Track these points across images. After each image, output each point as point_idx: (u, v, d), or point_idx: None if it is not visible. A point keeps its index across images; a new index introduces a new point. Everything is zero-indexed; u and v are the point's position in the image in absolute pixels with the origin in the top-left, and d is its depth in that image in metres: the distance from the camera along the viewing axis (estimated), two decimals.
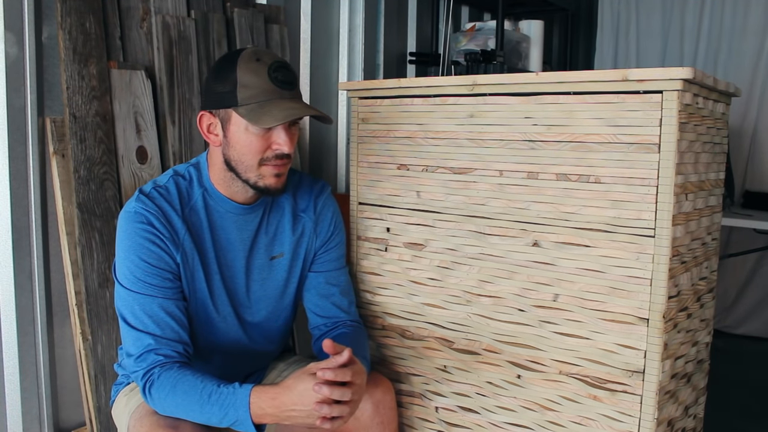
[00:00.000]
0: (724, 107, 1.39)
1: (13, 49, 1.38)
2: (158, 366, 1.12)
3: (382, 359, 1.53)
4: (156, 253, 1.16)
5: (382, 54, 2.50)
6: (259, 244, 1.29)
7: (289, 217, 1.32)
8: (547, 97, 1.24)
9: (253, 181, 1.18)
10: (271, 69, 1.14)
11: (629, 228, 1.17)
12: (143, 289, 1.15)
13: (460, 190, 1.37)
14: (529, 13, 3.00)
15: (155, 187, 1.20)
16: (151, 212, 1.16)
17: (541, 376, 1.29)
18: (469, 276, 1.37)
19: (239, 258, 1.27)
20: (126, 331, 1.16)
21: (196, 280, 1.22)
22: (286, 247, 1.32)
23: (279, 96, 1.14)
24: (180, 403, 1.09)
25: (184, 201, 1.21)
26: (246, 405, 1.04)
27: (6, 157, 1.38)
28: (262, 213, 1.29)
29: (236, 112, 1.13)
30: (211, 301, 1.25)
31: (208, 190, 1.23)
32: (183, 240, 1.19)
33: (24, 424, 1.43)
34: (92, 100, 1.45)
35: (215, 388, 1.07)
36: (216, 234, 1.24)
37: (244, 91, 1.13)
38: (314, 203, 1.35)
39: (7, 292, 1.40)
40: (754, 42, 3.03)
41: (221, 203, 1.24)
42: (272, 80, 1.13)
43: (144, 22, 1.59)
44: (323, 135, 2.31)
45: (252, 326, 1.32)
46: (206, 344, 1.27)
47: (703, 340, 1.42)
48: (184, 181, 1.23)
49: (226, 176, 1.21)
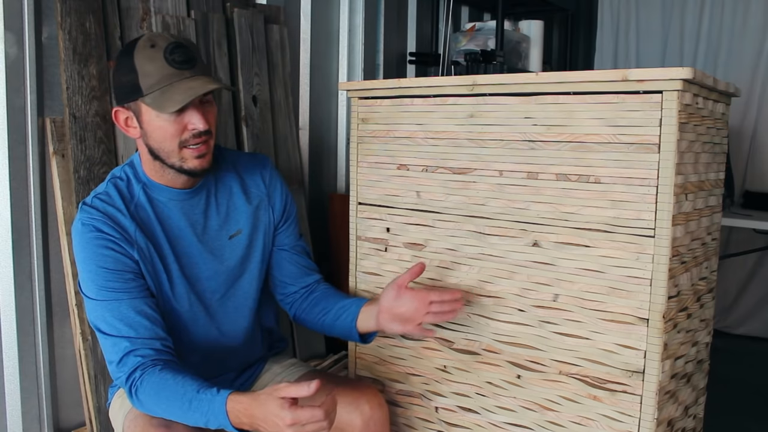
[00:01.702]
0: (724, 107, 1.39)
1: (13, 49, 1.38)
2: (139, 368, 1.11)
3: (381, 359, 1.53)
4: (112, 256, 1.16)
5: (382, 54, 2.50)
6: (211, 226, 1.28)
7: (240, 194, 1.32)
8: (547, 97, 1.24)
9: (178, 165, 1.18)
10: (167, 52, 1.13)
11: (629, 228, 1.17)
12: (109, 296, 1.15)
13: (460, 190, 1.37)
14: (529, 13, 3.00)
15: (95, 196, 1.20)
16: (97, 218, 1.16)
17: (541, 376, 1.29)
18: (469, 276, 1.37)
19: (193, 243, 1.26)
20: (103, 340, 1.15)
21: (158, 272, 1.21)
22: (243, 223, 1.32)
23: (179, 77, 1.13)
24: (166, 409, 1.08)
25: (127, 200, 1.21)
26: (224, 413, 1.03)
27: (6, 157, 1.38)
28: (207, 195, 1.28)
29: (143, 102, 1.14)
30: (172, 291, 1.24)
31: (146, 183, 1.23)
32: (135, 237, 1.19)
33: (24, 424, 1.43)
34: (92, 100, 1.45)
35: (195, 395, 1.05)
36: (165, 224, 1.24)
37: (146, 79, 1.12)
38: (261, 176, 1.36)
39: (7, 292, 1.40)
40: (754, 42, 3.04)
41: (162, 193, 1.23)
42: (169, 63, 1.12)
43: (144, 22, 1.60)
44: (323, 135, 2.31)
45: (218, 311, 1.30)
46: (181, 343, 1.25)
47: (703, 340, 1.42)
48: (122, 181, 1.23)
49: (155, 166, 1.21)
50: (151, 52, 1.13)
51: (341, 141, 2.35)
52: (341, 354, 2.06)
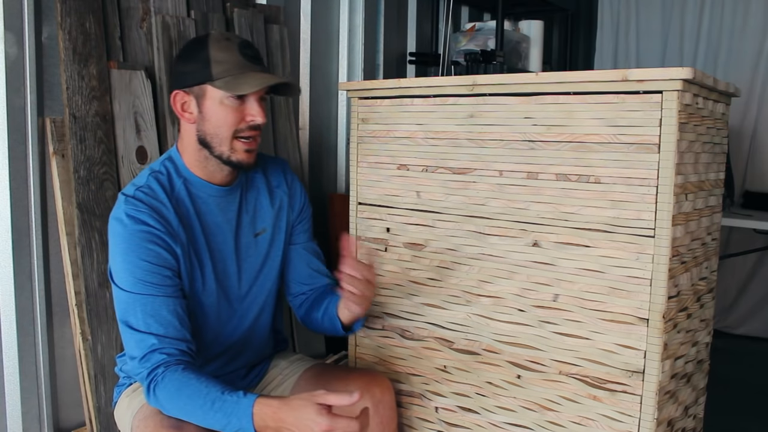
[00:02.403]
0: (724, 107, 1.39)
1: (13, 49, 1.38)
2: (162, 365, 1.11)
3: (382, 359, 1.53)
4: (155, 251, 1.17)
5: (382, 54, 2.50)
6: (243, 223, 1.32)
7: (266, 194, 1.37)
8: (546, 97, 1.24)
9: (226, 155, 1.22)
10: (241, 47, 1.21)
11: (629, 228, 1.17)
12: (145, 290, 1.15)
13: (460, 190, 1.37)
14: (529, 13, 3.00)
15: (138, 189, 1.21)
16: (144, 211, 1.17)
17: (541, 376, 1.29)
18: (469, 276, 1.37)
19: (228, 240, 1.29)
20: (129, 335, 1.15)
21: (194, 267, 1.23)
22: (268, 222, 1.36)
23: (251, 69, 1.20)
24: (183, 408, 1.08)
25: (169, 194, 1.23)
26: (249, 416, 1.03)
27: (6, 157, 1.38)
28: (240, 193, 1.32)
29: (212, 85, 1.18)
30: (203, 287, 1.25)
31: (187, 178, 1.25)
32: (178, 231, 1.21)
33: (24, 424, 1.43)
34: (92, 100, 1.45)
35: (219, 395, 1.06)
36: (203, 219, 1.26)
37: (218, 66, 1.18)
38: (284, 178, 1.41)
39: (7, 292, 1.40)
40: (754, 42, 3.04)
41: (203, 188, 1.26)
42: (243, 55, 1.20)
43: (144, 22, 1.60)
44: (323, 135, 2.31)
45: (240, 308, 1.32)
46: (203, 336, 1.27)
47: (703, 340, 1.42)
48: (163, 175, 1.25)
49: (200, 156, 1.23)
50: (226, 44, 1.20)
51: (341, 141, 2.35)
52: (341, 354, 2.06)
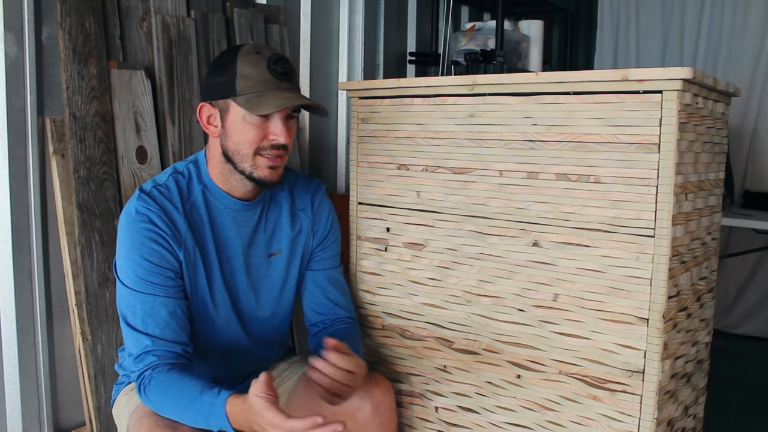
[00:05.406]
0: (724, 107, 1.39)
1: (13, 49, 1.38)
2: (152, 368, 1.12)
3: (381, 359, 1.53)
4: (158, 251, 1.16)
5: (382, 54, 2.50)
6: (257, 241, 1.30)
7: (288, 215, 1.33)
8: (547, 97, 1.24)
9: (249, 171, 1.19)
10: (271, 61, 1.17)
11: (629, 228, 1.17)
12: (145, 288, 1.15)
13: (460, 190, 1.37)
14: (529, 13, 3.00)
15: (155, 186, 1.21)
16: (153, 211, 1.17)
17: (541, 376, 1.29)
18: (469, 276, 1.37)
19: (237, 254, 1.27)
20: (126, 331, 1.16)
21: (198, 276, 1.22)
22: (284, 245, 1.33)
23: (276, 86, 1.16)
24: (171, 408, 1.09)
25: (184, 198, 1.22)
26: (224, 416, 1.03)
27: (6, 157, 1.38)
28: (261, 210, 1.30)
29: (234, 101, 1.16)
30: (211, 298, 1.25)
31: (207, 186, 1.24)
32: (185, 237, 1.20)
33: (24, 424, 1.43)
34: (92, 100, 1.45)
35: (197, 396, 1.06)
36: (216, 230, 1.25)
37: (243, 81, 1.15)
38: (311, 201, 1.37)
39: (7, 292, 1.40)
40: (754, 42, 3.03)
41: (221, 199, 1.24)
42: (270, 71, 1.16)
43: (144, 22, 1.59)
44: (323, 135, 2.30)
45: (251, 324, 1.32)
46: (205, 342, 1.27)
47: (702, 340, 1.42)
48: (184, 178, 1.24)
49: (224, 169, 1.22)
50: (255, 58, 1.16)
51: (341, 141, 2.35)
52: None
